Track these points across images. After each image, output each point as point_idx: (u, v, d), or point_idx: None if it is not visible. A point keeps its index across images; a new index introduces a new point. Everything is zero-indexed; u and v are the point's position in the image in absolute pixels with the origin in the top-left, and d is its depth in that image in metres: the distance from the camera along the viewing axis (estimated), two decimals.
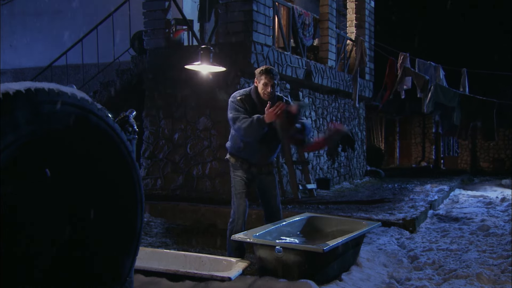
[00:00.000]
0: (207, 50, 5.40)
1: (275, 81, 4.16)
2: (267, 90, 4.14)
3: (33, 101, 1.87)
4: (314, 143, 4.57)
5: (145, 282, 3.55)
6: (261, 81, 4.15)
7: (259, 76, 4.16)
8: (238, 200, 4.31)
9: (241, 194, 4.30)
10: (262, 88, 4.15)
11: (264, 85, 4.14)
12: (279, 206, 4.49)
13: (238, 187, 4.31)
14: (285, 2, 8.85)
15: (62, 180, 2.20)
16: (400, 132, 21.08)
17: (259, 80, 4.16)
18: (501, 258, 4.67)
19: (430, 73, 11.58)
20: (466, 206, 8.43)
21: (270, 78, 4.11)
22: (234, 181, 4.35)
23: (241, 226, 4.26)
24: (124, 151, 2.34)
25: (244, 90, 4.30)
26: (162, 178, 8.20)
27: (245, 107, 4.15)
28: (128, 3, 8.93)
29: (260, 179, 4.37)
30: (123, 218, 2.40)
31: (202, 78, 7.78)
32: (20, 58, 11.72)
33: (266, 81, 4.12)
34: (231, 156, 4.36)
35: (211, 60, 5.48)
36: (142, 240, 4.87)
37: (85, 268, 2.32)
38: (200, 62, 5.45)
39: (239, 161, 4.29)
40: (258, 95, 4.20)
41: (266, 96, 4.16)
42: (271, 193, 4.42)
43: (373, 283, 4.02)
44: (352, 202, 8.06)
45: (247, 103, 4.17)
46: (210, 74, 7.34)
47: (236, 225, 4.27)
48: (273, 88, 4.16)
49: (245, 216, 4.32)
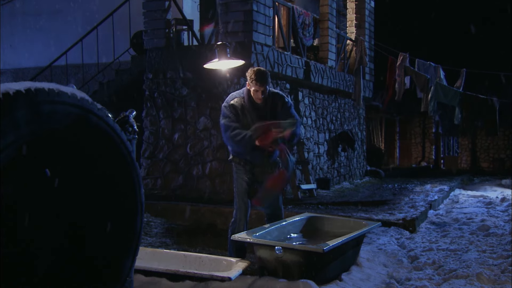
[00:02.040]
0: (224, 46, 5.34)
1: (266, 86, 4.15)
2: (258, 95, 4.16)
3: (33, 101, 1.87)
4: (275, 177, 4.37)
5: (145, 282, 3.55)
6: (251, 87, 4.16)
7: (250, 82, 4.16)
8: (240, 200, 4.31)
9: (243, 195, 4.30)
10: (254, 93, 4.17)
11: (255, 92, 4.15)
12: (281, 206, 4.49)
13: (241, 188, 4.31)
14: (285, 2, 8.85)
15: (62, 180, 2.20)
16: (400, 132, 21.07)
17: (250, 85, 4.17)
18: (501, 258, 4.66)
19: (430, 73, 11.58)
20: (466, 206, 8.43)
21: (260, 85, 4.11)
22: (237, 181, 4.35)
23: (243, 227, 4.26)
24: (124, 151, 2.34)
25: (238, 93, 4.31)
26: (162, 178, 8.20)
27: (236, 113, 4.16)
28: (128, 3, 8.93)
29: (263, 179, 4.37)
30: (123, 218, 2.40)
31: (202, 78, 7.78)
32: (20, 58, 11.72)
33: (256, 88, 4.13)
34: (234, 157, 4.36)
35: (229, 55, 5.42)
36: (142, 240, 4.86)
37: (85, 268, 2.31)
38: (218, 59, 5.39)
39: (243, 162, 4.29)
40: (251, 98, 4.21)
41: (259, 100, 4.19)
42: (274, 194, 4.41)
43: (373, 283, 4.02)
44: (352, 202, 8.06)
45: (239, 108, 4.18)
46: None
47: (238, 226, 4.27)
48: (264, 93, 4.17)
49: (247, 217, 4.33)
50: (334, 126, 10.89)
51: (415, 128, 20.79)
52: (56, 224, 2.23)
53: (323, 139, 10.29)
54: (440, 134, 18.93)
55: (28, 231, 2.11)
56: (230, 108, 4.18)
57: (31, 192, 2.10)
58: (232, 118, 4.15)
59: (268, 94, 4.22)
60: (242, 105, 4.19)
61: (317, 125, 10.03)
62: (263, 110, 4.23)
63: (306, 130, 9.50)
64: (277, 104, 4.28)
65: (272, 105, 4.27)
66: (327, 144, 10.47)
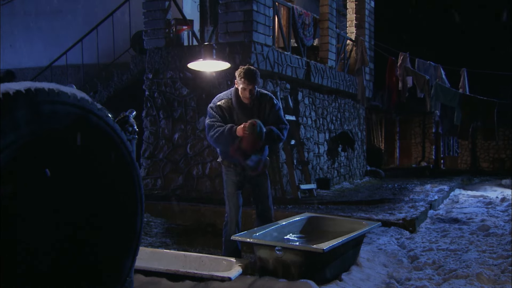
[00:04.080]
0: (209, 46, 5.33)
1: (254, 85, 4.04)
2: (246, 94, 4.05)
3: (33, 101, 1.88)
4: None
5: (145, 282, 3.55)
6: (239, 85, 4.05)
7: (238, 80, 4.04)
8: (230, 202, 4.30)
9: (233, 196, 4.28)
10: (241, 91, 4.07)
11: (243, 90, 4.05)
12: (270, 206, 4.46)
13: (230, 190, 4.29)
14: (285, 2, 8.85)
15: (62, 180, 2.20)
16: (400, 132, 21.07)
17: (238, 83, 4.06)
18: (501, 258, 4.66)
19: (430, 73, 11.60)
20: (466, 206, 8.43)
21: (248, 83, 3.99)
22: (226, 183, 4.32)
23: (235, 229, 4.25)
24: (124, 151, 2.34)
25: (225, 94, 4.22)
26: (162, 178, 8.20)
27: (222, 114, 4.08)
28: (128, 3, 8.93)
29: (253, 180, 4.35)
30: (123, 218, 2.40)
31: (202, 78, 7.78)
32: (20, 58, 11.72)
33: (244, 86, 4.02)
34: (223, 160, 4.33)
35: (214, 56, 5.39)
36: (142, 240, 4.86)
37: (85, 268, 2.31)
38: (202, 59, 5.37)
39: (232, 164, 4.26)
40: (238, 98, 4.11)
41: (246, 100, 4.09)
42: (264, 193, 4.40)
43: (373, 283, 4.02)
44: (352, 202, 8.06)
45: (225, 109, 4.09)
46: (214, 73, 7.27)
47: (230, 228, 4.27)
48: (252, 92, 4.06)
49: (238, 218, 4.32)
50: (334, 126, 10.89)
51: (415, 128, 20.79)
52: (56, 224, 2.23)
53: (323, 139, 10.29)
54: (440, 134, 18.92)
55: (28, 231, 2.11)
56: (216, 109, 4.10)
57: (31, 192, 2.10)
58: (217, 118, 4.07)
59: (256, 94, 4.13)
60: (229, 107, 4.11)
61: (317, 125, 10.03)
62: (251, 111, 4.13)
63: (306, 130, 9.51)
64: (266, 106, 4.18)
65: (260, 107, 4.18)
66: (327, 144, 10.47)
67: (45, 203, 2.16)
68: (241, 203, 4.36)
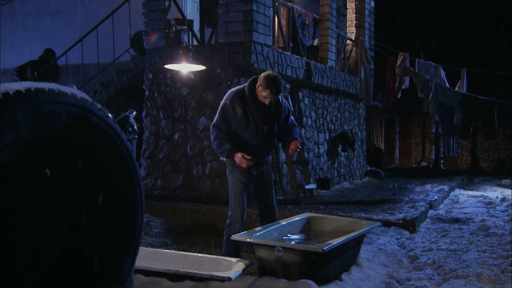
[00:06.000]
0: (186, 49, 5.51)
1: (277, 97, 4.10)
2: (266, 101, 4.09)
3: (33, 101, 1.87)
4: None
5: (145, 282, 3.55)
6: (262, 92, 4.03)
7: (262, 86, 4.01)
8: (235, 202, 4.25)
9: (239, 196, 4.24)
10: (262, 97, 4.07)
11: (264, 97, 4.06)
12: (275, 206, 4.45)
13: (236, 189, 4.25)
14: (285, 2, 8.85)
15: (62, 180, 2.20)
16: (400, 132, 21.08)
17: (261, 89, 4.03)
18: (501, 258, 4.66)
19: (430, 73, 11.60)
20: (466, 206, 8.43)
21: (273, 96, 4.03)
22: (231, 182, 4.28)
23: (239, 230, 4.19)
24: (124, 151, 2.34)
25: (240, 89, 4.19)
26: (162, 178, 8.20)
27: (235, 113, 4.07)
28: (128, 3, 8.93)
29: (258, 179, 4.33)
30: (123, 218, 2.39)
31: (202, 78, 7.78)
32: (20, 58, 11.71)
33: (266, 94, 4.03)
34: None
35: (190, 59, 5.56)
36: (142, 240, 4.87)
37: (85, 268, 2.31)
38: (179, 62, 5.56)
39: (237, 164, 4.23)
40: (255, 96, 4.10)
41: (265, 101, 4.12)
42: (267, 192, 4.38)
43: (373, 283, 4.02)
44: (352, 202, 8.06)
45: (240, 106, 4.07)
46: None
47: (234, 228, 4.22)
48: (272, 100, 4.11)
49: (243, 219, 4.26)
50: (334, 126, 10.89)
51: (415, 128, 20.79)
52: (56, 224, 2.23)
53: (323, 139, 10.29)
54: (440, 134, 18.92)
55: (28, 231, 2.11)
56: (230, 107, 4.07)
57: (31, 192, 2.10)
58: (224, 122, 4.08)
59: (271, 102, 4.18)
60: (242, 103, 4.08)
61: (317, 125, 10.03)
62: (267, 110, 4.15)
63: (306, 130, 9.51)
64: (282, 110, 4.27)
65: (276, 108, 4.23)
66: (327, 144, 10.47)
67: (45, 203, 2.16)
68: (246, 205, 4.33)
